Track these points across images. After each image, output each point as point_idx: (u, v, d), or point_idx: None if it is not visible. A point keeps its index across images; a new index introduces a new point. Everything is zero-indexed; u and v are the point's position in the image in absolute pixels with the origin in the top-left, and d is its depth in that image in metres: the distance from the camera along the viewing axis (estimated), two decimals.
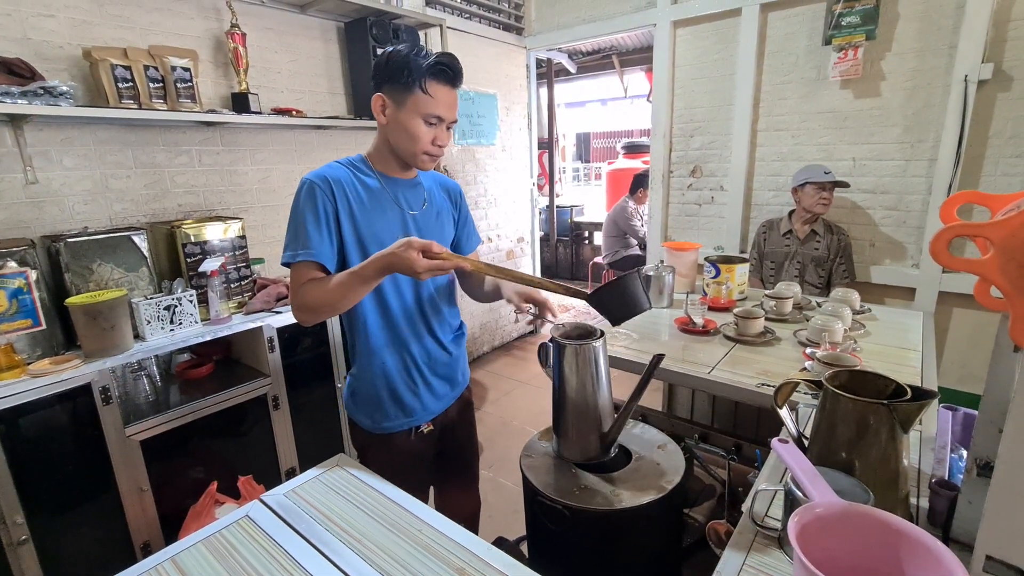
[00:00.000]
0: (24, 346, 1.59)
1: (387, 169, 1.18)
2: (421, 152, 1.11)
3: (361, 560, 0.75)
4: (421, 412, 1.25)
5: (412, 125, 1.07)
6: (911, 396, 0.76)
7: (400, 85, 1.05)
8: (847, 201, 2.73)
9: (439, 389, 1.28)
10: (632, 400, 1.05)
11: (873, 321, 1.73)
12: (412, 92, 1.05)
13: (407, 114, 1.07)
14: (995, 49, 2.29)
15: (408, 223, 1.18)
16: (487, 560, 0.75)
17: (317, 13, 2.46)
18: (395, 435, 1.23)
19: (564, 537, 0.99)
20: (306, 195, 1.08)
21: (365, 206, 1.12)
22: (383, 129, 1.14)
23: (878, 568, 0.61)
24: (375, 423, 1.22)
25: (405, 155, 1.13)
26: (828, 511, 0.63)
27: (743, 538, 0.77)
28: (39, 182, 1.77)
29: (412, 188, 1.22)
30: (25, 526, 1.48)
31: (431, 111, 1.06)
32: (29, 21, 1.70)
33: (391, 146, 1.14)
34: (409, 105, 1.06)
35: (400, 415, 1.22)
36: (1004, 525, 0.53)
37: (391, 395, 1.21)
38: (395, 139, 1.12)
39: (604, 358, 1.08)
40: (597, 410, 1.07)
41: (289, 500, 0.89)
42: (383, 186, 1.16)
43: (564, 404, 1.08)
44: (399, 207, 1.17)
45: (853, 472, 0.76)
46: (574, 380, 1.06)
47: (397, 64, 1.04)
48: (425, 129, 1.08)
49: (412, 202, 1.20)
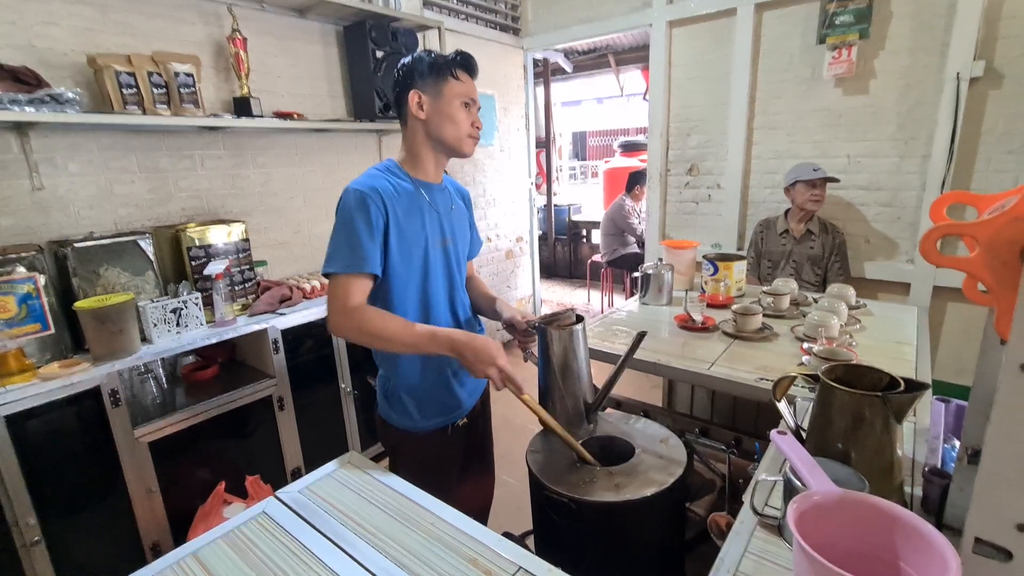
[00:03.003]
0: (33, 350, 1.61)
1: (419, 173, 1.21)
2: (465, 135, 1.17)
3: (377, 553, 0.78)
4: (458, 408, 1.30)
5: (452, 110, 1.14)
6: (904, 388, 0.78)
7: (432, 78, 1.13)
8: (842, 198, 2.77)
9: (469, 385, 1.33)
10: (615, 373, 1.19)
11: (868, 316, 1.77)
12: (446, 81, 1.13)
13: (445, 101, 1.14)
14: (986, 47, 2.33)
15: (444, 226, 1.22)
16: (497, 551, 0.78)
17: (316, 17, 2.48)
18: (433, 432, 1.26)
19: (570, 530, 1.01)
20: (357, 205, 1.07)
21: (408, 213, 1.15)
22: (422, 126, 1.17)
23: (874, 552, 0.64)
24: (415, 422, 1.24)
25: (451, 141, 1.17)
26: (825, 499, 0.66)
27: (744, 527, 0.80)
28: (45, 188, 1.79)
29: (441, 192, 1.25)
30: (38, 527, 1.50)
31: (466, 93, 1.15)
32: (33, 29, 1.72)
33: (434, 139, 1.17)
34: (445, 93, 1.13)
35: (439, 413, 1.26)
36: (991, 509, 0.56)
37: (431, 395, 1.25)
38: (438, 129, 1.16)
39: (584, 340, 1.22)
40: (579, 384, 1.21)
41: (303, 496, 0.92)
42: (419, 191, 1.19)
43: (549, 380, 1.21)
44: (435, 210, 1.21)
45: (849, 462, 0.79)
46: (557, 359, 1.20)
47: (425, 63, 1.13)
48: (465, 113, 1.16)
49: (444, 206, 1.25)
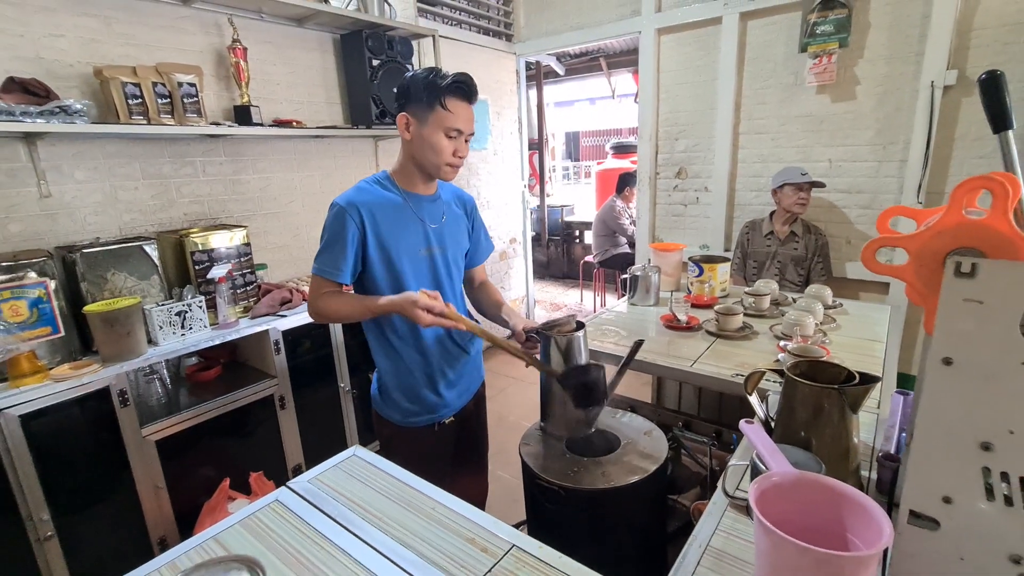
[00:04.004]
0: (44, 352, 1.66)
1: (410, 186, 1.29)
2: (444, 164, 1.22)
3: (383, 535, 0.85)
4: (444, 407, 1.37)
5: (435, 139, 1.19)
6: (859, 382, 0.87)
7: (423, 104, 1.17)
8: (824, 201, 2.87)
9: (459, 386, 1.40)
10: (615, 380, 1.20)
11: (844, 315, 1.86)
12: (433, 109, 1.17)
13: (430, 129, 1.18)
14: (959, 56, 2.43)
15: (430, 236, 1.29)
16: (493, 531, 0.85)
17: (314, 26, 2.54)
18: (421, 428, 1.34)
19: (560, 515, 1.09)
20: (336, 220, 1.21)
21: (390, 222, 1.23)
22: (407, 145, 1.24)
23: (826, 526, 0.72)
24: (404, 418, 1.33)
25: (430, 167, 1.24)
26: (784, 479, 0.74)
27: (717, 508, 0.88)
28: (52, 195, 1.84)
29: (432, 203, 1.32)
30: (51, 523, 1.56)
31: (451, 125, 1.18)
32: (41, 41, 1.78)
33: (416, 161, 1.25)
34: (431, 121, 1.18)
35: (425, 411, 1.34)
36: (920, 484, 0.64)
37: (417, 394, 1.33)
38: (420, 153, 1.22)
39: (584, 346, 1.23)
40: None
41: (312, 486, 0.99)
42: (406, 202, 1.27)
43: (551, 387, 1.21)
44: (421, 221, 1.28)
45: (810, 448, 0.88)
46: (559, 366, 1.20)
47: (419, 86, 1.16)
48: (447, 142, 1.20)
49: (432, 216, 1.31)
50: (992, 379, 0.58)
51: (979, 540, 0.62)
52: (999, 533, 0.61)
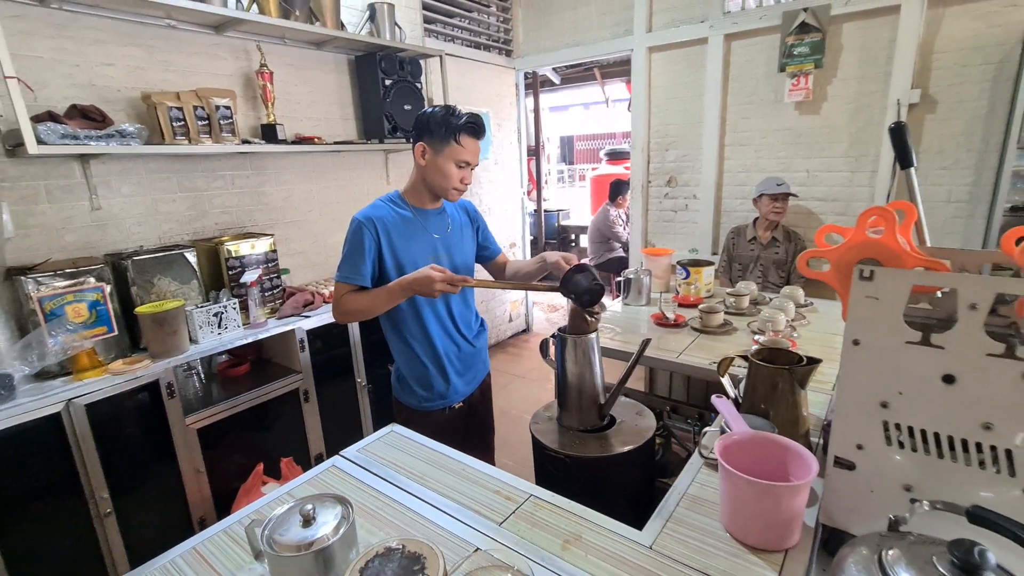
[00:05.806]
0: (100, 350, 1.86)
1: (419, 203, 1.50)
2: (451, 188, 1.44)
3: (425, 488, 1.06)
4: (454, 394, 1.58)
5: (447, 168, 1.40)
6: (806, 363, 1.08)
7: (439, 138, 1.38)
8: (803, 208, 3.10)
9: (467, 375, 1.61)
10: (624, 378, 1.35)
11: (814, 313, 2.08)
12: (448, 144, 1.38)
13: (443, 159, 1.40)
14: (922, 77, 2.67)
15: (437, 245, 1.50)
16: (514, 485, 1.06)
17: (332, 49, 2.75)
18: (434, 412, 1.55)
19: (565, 482, 1.30)
20: (356, 232, 1.41)
21: (402, 235, 1.45)
22: (420, 170, 1.45)
23: (773, 471, 0.94)
24: (419, 403, 1.55)
25: (439, 191, 1.46)
26: (742, 437, 0.95)
27: (693, 466, 1.09)
28: (102, 208, 2.04)
29: (438, 216, 1.54)
30: (109, 501, 1.76)
31: (462, 158, 1.40)
32: (94, 70, 1.98)
33: (427, 183, 1.46)
34: (446, 153, 1.39)
35: (437, 397, 1.56)
36: (841, 435, 0.85)
37: (430, 382, 1.54)
38: (431, 178, 1.44)
39: (598, 347, 1.37)
40: (593, 388, 1.34)
41: (362, 455, 1.20)
42: (416, 217, 1.48)
43: (566, 384, 1.38)
44: (429, 233, 1.49)
45: (768, 417, 1.09)
46: (574, 365, 1.34)
47: (437, 122, 1.37)
48: (456, 171, 1.42)
49: (438, 228, 1.53)
50: (886, 355, 0.79)
51: (883, 475, 0.83)
52: (896, 469, 0.82)
